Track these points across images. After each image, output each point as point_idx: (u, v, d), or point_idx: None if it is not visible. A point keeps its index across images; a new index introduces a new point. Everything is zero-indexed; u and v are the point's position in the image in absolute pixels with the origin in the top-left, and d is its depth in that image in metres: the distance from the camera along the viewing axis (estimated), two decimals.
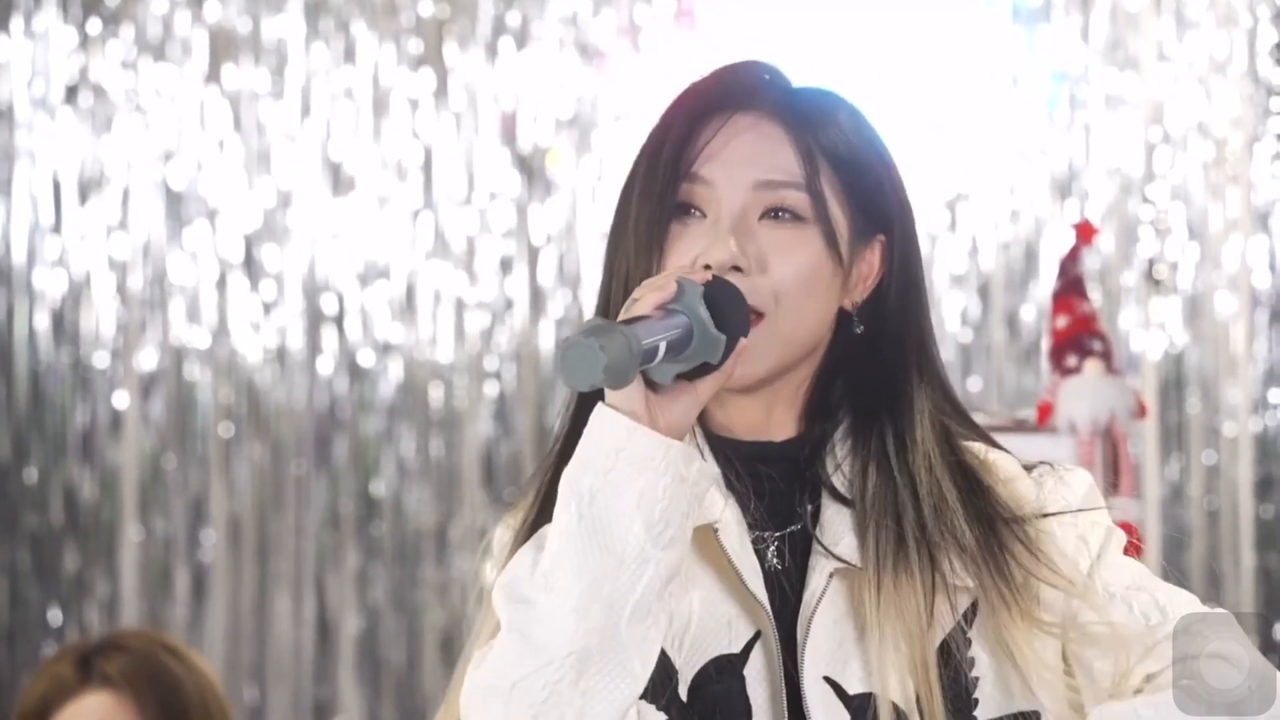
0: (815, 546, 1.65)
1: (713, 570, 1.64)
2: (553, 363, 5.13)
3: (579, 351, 1.46)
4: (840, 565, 1.63)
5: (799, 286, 1.63)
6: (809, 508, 1.67)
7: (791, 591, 1.64)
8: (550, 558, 1.57)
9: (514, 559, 1.62)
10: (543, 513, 1.64)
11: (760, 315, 1.62)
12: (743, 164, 1.64)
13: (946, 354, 1.77)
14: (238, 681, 5.05)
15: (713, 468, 1.61)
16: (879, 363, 1.68)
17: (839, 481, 1.66)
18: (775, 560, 1.65)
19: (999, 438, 1.74)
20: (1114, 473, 3.27)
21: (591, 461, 1.56)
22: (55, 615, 5.07)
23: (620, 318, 1.57)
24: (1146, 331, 5.04)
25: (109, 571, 5.09)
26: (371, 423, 5.13)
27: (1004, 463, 1.70)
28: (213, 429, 5.11)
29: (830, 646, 1.61)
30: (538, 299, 5.15)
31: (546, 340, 5.14)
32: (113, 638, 2.57)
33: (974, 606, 1.63)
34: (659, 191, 1.64)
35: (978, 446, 1.71)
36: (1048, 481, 1.69)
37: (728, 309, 1.56)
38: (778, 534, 1.66)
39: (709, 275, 1.59)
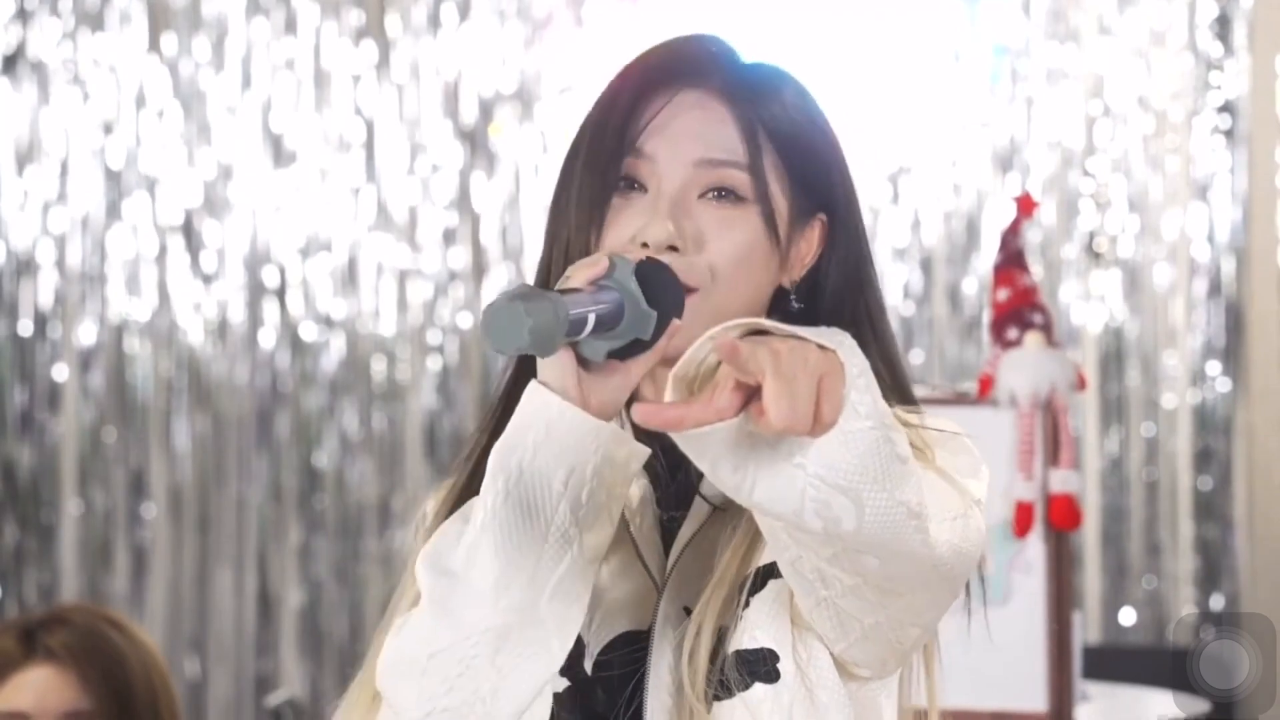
0: (696, 496, 1.64)
1: (624, 547, 1.65)
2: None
3: (504, 313, 1.45)
4: (709, 508, 1.63)
5: (734, 263, 1.63)
6: None
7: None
8: (474, 532, 1.57)
9: (440, 529, 1.62)
10: (472, 480, 1.64)
11: (693, 290, 1.62)
12: (686, 141, 1.64)
13: None
14: (179, 655, 5.03)
15: (645, 450, 1.60)
16: None
17: None
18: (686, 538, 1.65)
19: (940, 410, 1.72)
20: (1054, 445, 3.28)
21: (521, 439, 1.55)
22: None
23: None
24: (1087, 304, 5.07)
25: (48, 545, 5.06)
26: (314, 396, 5.12)
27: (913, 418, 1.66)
28: (153, 402, 5.08)
29: (692, 578, 1.62)
30: (480, 271, 5.14)
31: None
32: (56, 612, 2.57)
33: None
34: (602, 165, 1.64)
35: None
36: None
37: (660, 286, 1.56)
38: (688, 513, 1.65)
39: (644, 254, 1.60)
